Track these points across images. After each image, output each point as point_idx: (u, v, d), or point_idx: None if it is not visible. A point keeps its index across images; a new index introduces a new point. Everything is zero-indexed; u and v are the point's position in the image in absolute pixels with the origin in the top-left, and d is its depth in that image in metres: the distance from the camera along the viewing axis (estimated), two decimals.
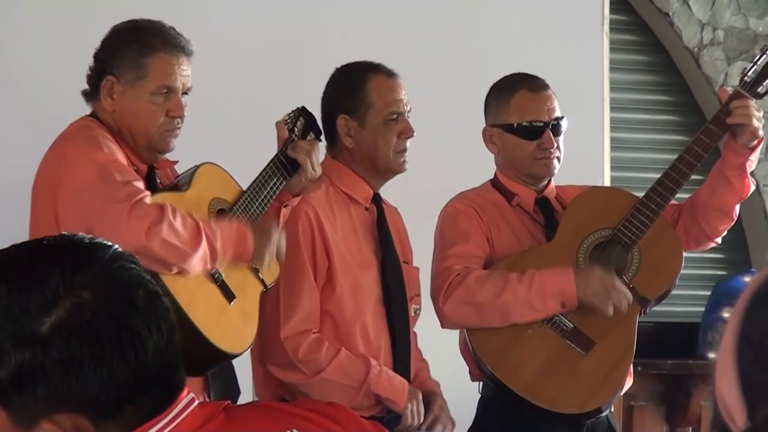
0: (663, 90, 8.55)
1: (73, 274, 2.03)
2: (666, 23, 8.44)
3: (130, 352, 2.03)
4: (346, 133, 4.64)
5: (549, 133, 4.74)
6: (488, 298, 4.59)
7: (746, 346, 1.29)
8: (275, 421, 2.21)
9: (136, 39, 4.25)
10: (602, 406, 4.72)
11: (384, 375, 4.53)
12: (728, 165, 4.69)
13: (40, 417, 2.05)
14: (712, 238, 4.82)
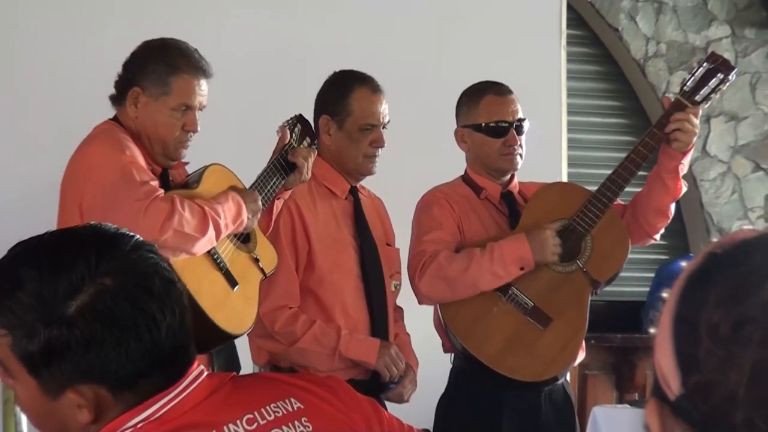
0: (613, 96, 8.56)
1: (98, 263, 2.04)
2: (616, 37, 8.44)
3: (145, 334, 2.05)
4: (325, 131, 4.68)
5: (513, 132, 4.75)
6: (458, 273, 4.59)
7: (681, 323, 1.29)
8: (276, 390, 2.21)
9: (164, 58, 4.24)
10: (558, 375, 4.73)
11: (354, 339, 4.55)
12: (663, 168, 4.69)
13: (65, 387, 2.06)
14: (651, 234, 4.81)
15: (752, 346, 1.22)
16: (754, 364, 1.22)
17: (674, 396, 1.28)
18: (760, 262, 1.26)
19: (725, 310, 1.24)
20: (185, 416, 2.10)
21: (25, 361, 2.06)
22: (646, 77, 8.44)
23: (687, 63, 8.29)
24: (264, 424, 2.15)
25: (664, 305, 1.31)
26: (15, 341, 2.05)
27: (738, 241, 1.30)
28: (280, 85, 5.73)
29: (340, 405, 2.22)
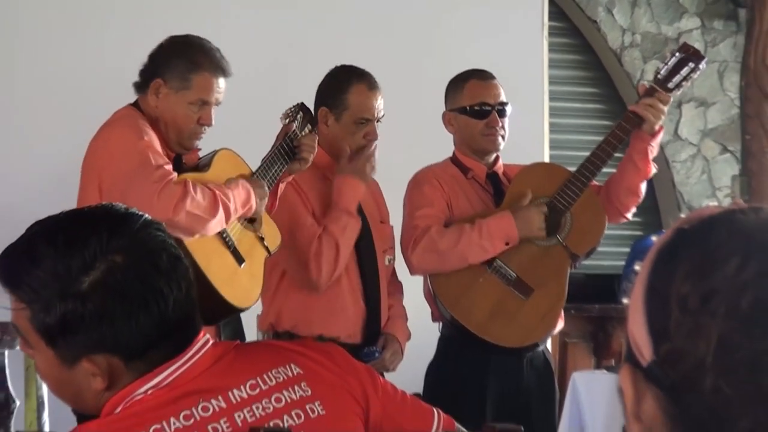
0: (591, 83, 8.57)
1: (108, 241, 2.05)
2: (594, 29, 8.46)
3: (153, 307, 2.06)
4: (324, 121, 4.69)
5: (495, 114, 4.76)
6: (448, 246, 4.61)
7: (652, 295, 1.28)
8: (277, 357, 2.21)
9: (188, 54, 4.26)
10: (538, 342, 4.75)
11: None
12: (634, 150, 4.71)
13: (80, 357, 2.07)
14: (623, 213, 4.82)
15: (718, 318, 1.22)
16: (720, 334, 1.21)
17: (646, 362, 1.27)
18: (725, 237, 1.25)
19: (693, 283, 1.24)
20: (193, 382, 2.10)
21: (42, 333, 2.07)
22: (622, 66, 8.46)
23: (660, 53, 8.32)
24: (266, 389, 2.15)
25: (636, 277, 1.31)
26: (33, 315, 2.06)
27: (705, 218, 1.30)
28: (281, 79, 5.74)
29: (337, 370, 2.22)
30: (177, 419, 2.07)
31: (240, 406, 2.12)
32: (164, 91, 4.23)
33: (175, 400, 2.08)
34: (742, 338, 1.21)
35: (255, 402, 2.13)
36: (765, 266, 1.23)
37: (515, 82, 5.21)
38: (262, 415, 2.12)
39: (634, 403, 1.29)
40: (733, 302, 1.22)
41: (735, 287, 1.22)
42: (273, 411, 2.14)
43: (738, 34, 8.25)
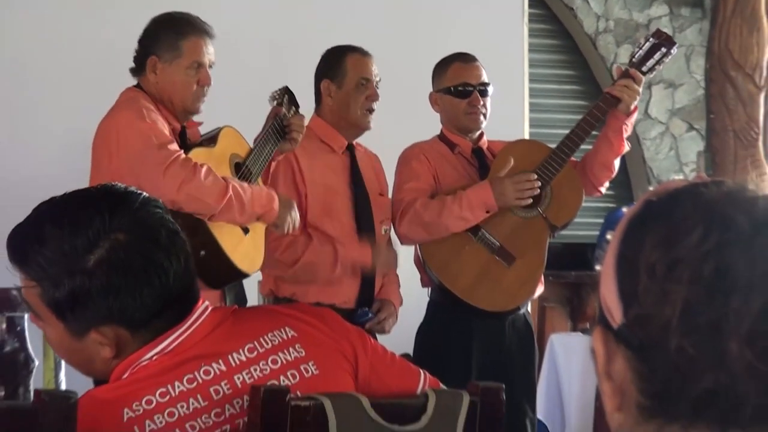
0: (569, 66, 8.57)
1: (110, 220, 2.05)
2: (571, 15, 8.45)
3: (155, 280, 2.06)
4: (327, 93, 4.69)
5: (477, 94, 4.76)
6: (432, 218, 4.61)
7: (622, 262, 1.29)
8: (273, 321, 2.21)
9: (173, 27, 4.26)
10: (520, 306, 4.75)
11: (350, 248, 4.59)
12: (610, 128, 4.71)
13: (89, 329, 2.08)
14: (597, 187, 4.82)
15: (683, 284, 1.22)
16: (684, 299, 1.21)
17: (617, 325, 1.28)
18: (690, 210, 1.25)
19: (660, 252, 1.24)
20: (194, 348, 2.11)
21: (52, 308, 2.07)
22: (597, 50, 8.46)
23: (632, 38, 8.32)
24: (263, 351, 2.15)
25: (608, 246, 1.31)
26: (43, 291, 2.06)
27: (671, 191, 1.30)
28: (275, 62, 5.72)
29: (330, 332, 2.23)
30: (181, 383, 2.07)
31: (239, 368, 2.12)
32: (160, 66, 4.23)
33: (179, 365, 2.09)
34: (704, 303, 1.21)
35: (253, 364, 2.14)
36: (725, 236, 1.23)
37: (498, 65, 5.20)
38: (260, 376, 2.13)
39: (606, 362, 1.30)
40: (697, 270, 1.22)
41: (698, 256, 1.22)
42: (270, 372, 2.14)
43: (703, 21, 8.25)
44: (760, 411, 1.22)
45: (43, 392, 1.87)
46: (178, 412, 2.05)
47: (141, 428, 2.02)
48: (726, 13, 5.43)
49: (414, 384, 2.30)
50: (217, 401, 2.08)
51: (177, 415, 2.05)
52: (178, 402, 2.06)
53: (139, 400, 2.04)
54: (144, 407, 2.04)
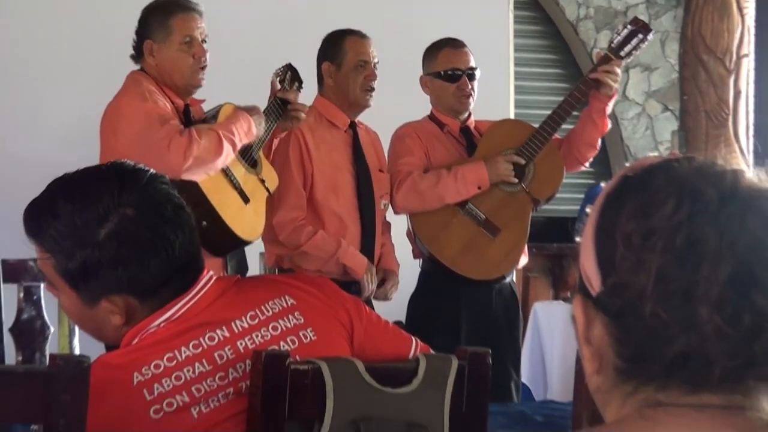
0: (551, 51, 8.55)
1: (119, 196, 2.06)
2: (553, 2, 8.43)
3: (161, 252, 2.07)
4: (328, 75, 4.67)
5: (465, 78, 4.76)
6: (428, 188, 4.62)
7: (600, 233, 1.29)
8: (274, 289, 2.22)
9: (161, 9, 4.28)
10: (504, 275, 4.75)
11: (350, 251, 4.57)
12: (593, 108, 4.71)
13: (100, 298, 2.09)
14: (582, 162, 4.84)
15: (657, 253, 1.22)
16: (658, 268, 1.22)
17: (595, 293, 1.28)
18: (663, 183, 1.25)
19: (636, 223, 1.24)
20: (200, 315, 2.11)
21: (65, 278, 2.08)
22: (578, 35, 8.44)
23: (610, 24, 8.31)
24: (264, 318, 2.16)
25: (587, 219, 1.31)
26: (57, 262, 2.07)
27: (646, 166, 1.30)
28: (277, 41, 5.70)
29: (327, 300, 2.23)
30: (187, 348, 2.08)
31: (242, 335, 2.13)
32: (156, 48, 4.23)
33: (185, 331, 2.09)
34: (676, 271, 1.21)
35: (255, 331, 2.14)
36: (696, 208, 1.23)
37: (485, 50, 5.19)
38: (261, 342, 2.13)
39: (585, 328, 1.30)
40: (669, 239, 1.22)
41: (671, 226, 1.22)
42: (271, 338, 2.15)
43: (678, 8, 8.22)
44: (728, 372, 1.22)
45: (58, 357, 1.87)
46: (185, 376, 2.05)
47: (150, 391, 2.03)
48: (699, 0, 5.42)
49: (406, 350, 2.30)
50: (221, 365, 2.08)
51: (183, 379, 2.05)
52: (185, 366, 2.06)
53: (147, 364, 2.04)
54: (152, 371, 2.04)
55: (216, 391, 2.07)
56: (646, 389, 1.25)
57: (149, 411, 2.02)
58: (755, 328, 1.20)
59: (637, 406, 1.25)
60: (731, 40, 5.43)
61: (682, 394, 1.24)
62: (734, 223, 1.22)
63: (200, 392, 2.06)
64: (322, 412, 2.09)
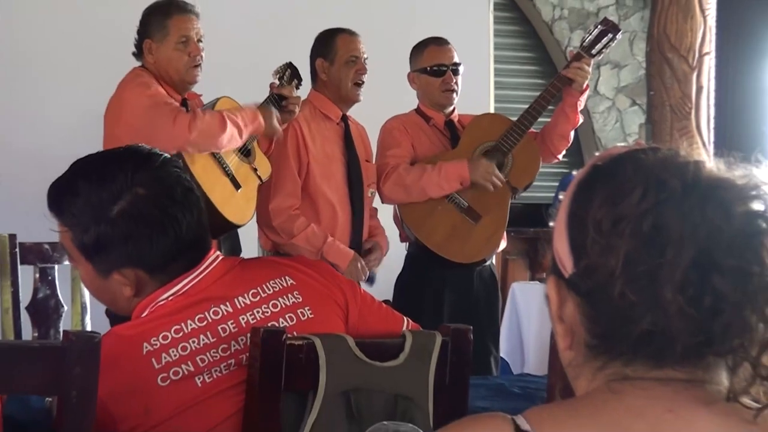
0: (528, 49, 8.54)
1: (133, 177, 2.07)
2: (530, 4, 8.42)
3: (170, 230, 2.08)
4: (321, 70, 4.65)
5: (450, 74, 4.75)
6: (412, 182, 4.60)
7: (573, 219, 1.29)
8: (275, 270, 2.22)
9: (159, 11, 4.28)
10: (486, 258, 4.75)
11: (334, 247, 4.55)
12: (566, 103, 4.70)
13: (112, 270, 2.11)
14: (555, 154, 4.83)
15: (625, 238, 1.22)
16: (626, 252, 1.22)
17: (568, 274, 1.28)
18: (631, 173, 1.26)
19: (606, 210, 1.24)
20: (205, 291, 2.12)
21: (81, 251, 2.10)
22: (553, 35, 8.43)
23: (583, 24, 8.30)
24: (265, 296, 2.16)
25: (560, 205, 1.31)
26: (74, 236, 2.09)
27: (614, 156, 1.30)
28: (275, 41, 5.69)
29: (324, 281, 2.24)
30: (193, 321, 2.08)
31: (244, 310, 2.13)
32: (154, 46, 4.24)
33: (191, 305, 2.10)
34: (643, 255, 1.21)
35: (256, 307, 2.15)
36: (661, 197, 1.23)
37: (467, 48, 5.18)
38: (261, 317, 2.14)
39: (558, 306, 1.30)
40: (636, 226, 1.22)
41: (638, 214, 1.22)
42: (271, 315, 2.15)
43: (645, 9, 8.22)
44: (690, 349, 1.23)
45: (71, 333, 1.87)
46: (190, 347, 2.07)
47: (158, 360, 2.04)
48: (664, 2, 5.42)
49: (398, 328, 2.30)
50: (224, 338, 2.09)
51: (189, 350, 2.06)
52: (190, 338, 2.07)
53: (156, 335, 2.06)
54: (161, 342, 2.05)
55: (218, 362, 2.08)
56: (614, 364, 1.25)
57: (157, 379, 2.03)
58: (714, 308, 1.21)
59: (605, 379, 1.26)
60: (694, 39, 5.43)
61: (648, 369, 1.24)
62: (695, 212, 1.22)
63: (204, 362, 2.07)
64: (315, 384, 2.10)
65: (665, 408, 1.22)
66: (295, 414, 2.11)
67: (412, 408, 2.14)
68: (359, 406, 2.10)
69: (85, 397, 1.85)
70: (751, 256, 1.21)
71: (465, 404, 2.26)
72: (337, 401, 2.09)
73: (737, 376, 1.24)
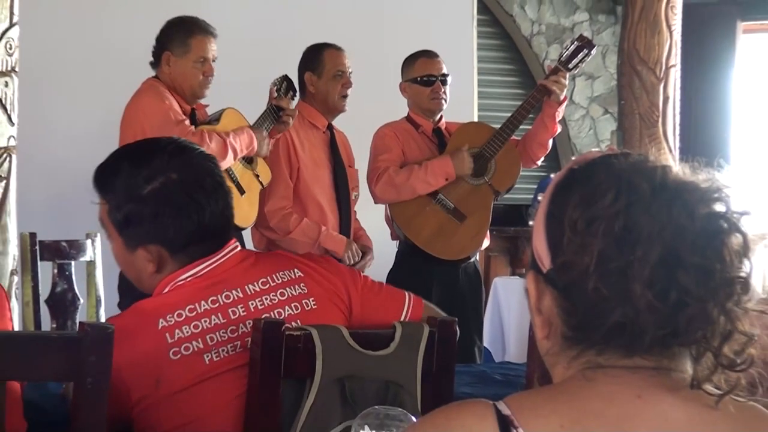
0: (509, 62, 8.55)
1: (169, 162, 2.11)
2: (511, 20, 8.43)
3: (193, 215, 2.11)
4: (310, 83, 4.65)
5: (439, 83, 4.74)
6: (402, 181, 4.60)
7: (550, 218, 1.29)
8: (284, 263, 2.25)
9: (183, 27, 4.27)
10: (470, 255, 4.75)
11: (329, 235, 4.57)
12: (545, 114, 4.70)
13: (138, 245, 2.14)
14: (534, 161, 4.83)
15: (598, 237, 1.22)
16: (599, 250, 1.22)
17: (546, 270, 1.28)
18: (604, 177, 1.26)
19: (580, 211, 1.24)
20: (221, 276, 2.15)
21: (114, 224, 2.14)
22: (532, 49, 8.44)
23: (559, 39, 8.32)
24: (274, 285, 2.19)
25: (539, 205, 1.31)
26: (110, 210, 2.14)
27: (589, 160, 1.30)
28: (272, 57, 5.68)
29: (329, 276, 2.26)
30: (206, 302, 2.11)
31: (253, 296, 2.15)
32: (173, 59, 4.24)
33: (207, 287, 2.12)
34: (615, 252, 1.21)
35: (265, 294, 2.17)
36: (632, 199, 1.23)
37: (453, 60, 5.17)
38: (269, 304, 2.16)
39: (537, 299, 1.30)
40: (609, 226, 1.22)
41: (610, 215, 1.22)
42: (277, 302, 2.17)
43: (616, 25, 8.24)
44: (657, 340, 1.23)
45: (86, 324, 1.88)
46: (202, 326, 2.09)
47: (171, 335, 2.06)
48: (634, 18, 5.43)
49: (400, 305, 2.32)
50: (233, 320, 2.11)
51: (200, 328, 2.08)
52: (203, 317, 2.09)
53: (172, 312, 2.08)
54: (175, 319, 2.08)
55: (226, 342, 2.09)
56: (588, 353, 1.25)
57: (169, 352, 2.05)
58: (680, 302, 1.21)
59: (580, 367, 1.26)
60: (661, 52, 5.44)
61: (618, 358, 1.24)
62: (663, 213, 1.22)
63: (213, 341, 2.08)
64: (312, 372, 2.10)
65: (634, 394, 1.22)
66: (293, 399, 2.11)
67: (401, 393, 2.15)
68: (353, 392, 2.10)
69: (99, 382, 1.86)
70: (713, 254, 1.22)
71: (451, 390, 2.26)
72: (332, 387, 2.09)
73: (700, 365, 1.24)
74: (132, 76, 4.35)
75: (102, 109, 4.66)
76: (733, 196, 1.25)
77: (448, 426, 1.21)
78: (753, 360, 1.24)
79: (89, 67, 5.48)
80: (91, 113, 5.38)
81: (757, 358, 1.24)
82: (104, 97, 4.53)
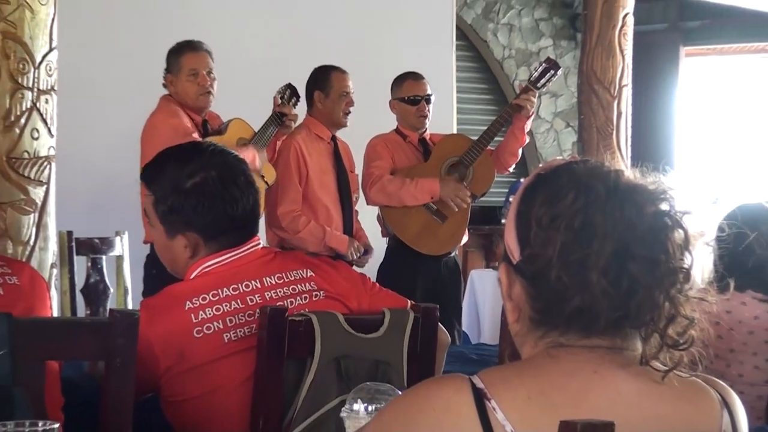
0: (484, 81, 8.57)
1: (209, 161, 2.13)
2: (485, 46, 8.45)
3: (228, 209, 2.12)
4: (318, 100, 4.61)
5: (423, 103, 4.73)
6: (393, 191, 4.59)
7: (520, 216, 1.29)
8: (299, 263, 2.24)
9: (176, 50, 4.27)
10: (450, 251, 4.75)
11: (333, 235, 4.55)
12: (516, 127, 4.71)
13: (177, 232, 2.14)
14: (506, 167, 4.83)
15: (561, 232, 1.22)
16: (561, 243, 1.22)
17: (515, 261, 1.28)
18: (565, 180, 1.26)
19: (546, 209, 1.24)
20: (243, 267, 2.15)
21: (158, 213, 2.14)
22: (503, 70, 8.45)
23: (527, 62, 8.34)
24: (288, 280, 2.19)
25: (510, 205, 1.31)
26: (155, 201, 2.14)
27: (554, 166, 1.30)
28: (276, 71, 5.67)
29: (337, 275, 2.25)
30: (228, 289, 2.11)
31: (269, 288, 2.16)
32: (173, 80, 4.23)
33: (230, 276, 2.13)
34: (574, 245, 1.22)
35: (279, 288, 2.17)
36: (589, 199, 1.23)
37: (435, 81, 5.15)
38: (282, 295, 2.16)
39: (508, 288, 1.30)
40: (570, 222, 1.22)
41: (571, 212, 1.23)
42: (289, 294, 2.17)
43: (576, 49, 8.24)
44: (611, 322, 1.23)
45: (116, 311, 1.87)
46: (223, 309, 2.09)
47: (195, 316, 2.07)
48: (591, 44, 5.45)
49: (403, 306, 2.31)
50: (250, 306, 2.11)
51: (222, 311, 2.09)
52: (224, 302, 2.09)
53: (197, 296, 2.08)
54: (200, 302, 2.08)
55: (243, 325, 2.09)
56: (552, 334, 1.26)
57: (193, 331, 2.06)
58: (630, 289, 1.21)
59: (545, 346, 1.26)
60: (615, 74, 5.46)
61: (578, 338, 1.25)
62: (616, 211, 1.22)
63: (232, 323, 2.08)
64: (312, 352, 2.09)
65: (592, 370, 1.23)
66: (296, 376, 2.10)
67: (390, 371, 2.14)
68: (348, 370, 2.10)
69: (126, 363, 1.85)
70: (658, 247, 1.22)
71: (432, 368, 2.26)
72: (329, 366, 2.09)
73: (649, 345, 1.24)
74: (155, 91, 4.33)
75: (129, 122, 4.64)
76: (676, 197, 1.25)
77: (428, 397, 1.21)
78: (694, 340, 1.24)
79: (119, 84, 5.46)
80: (120, 125, 5.36)
81: (698, 339, 1.25)
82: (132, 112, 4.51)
